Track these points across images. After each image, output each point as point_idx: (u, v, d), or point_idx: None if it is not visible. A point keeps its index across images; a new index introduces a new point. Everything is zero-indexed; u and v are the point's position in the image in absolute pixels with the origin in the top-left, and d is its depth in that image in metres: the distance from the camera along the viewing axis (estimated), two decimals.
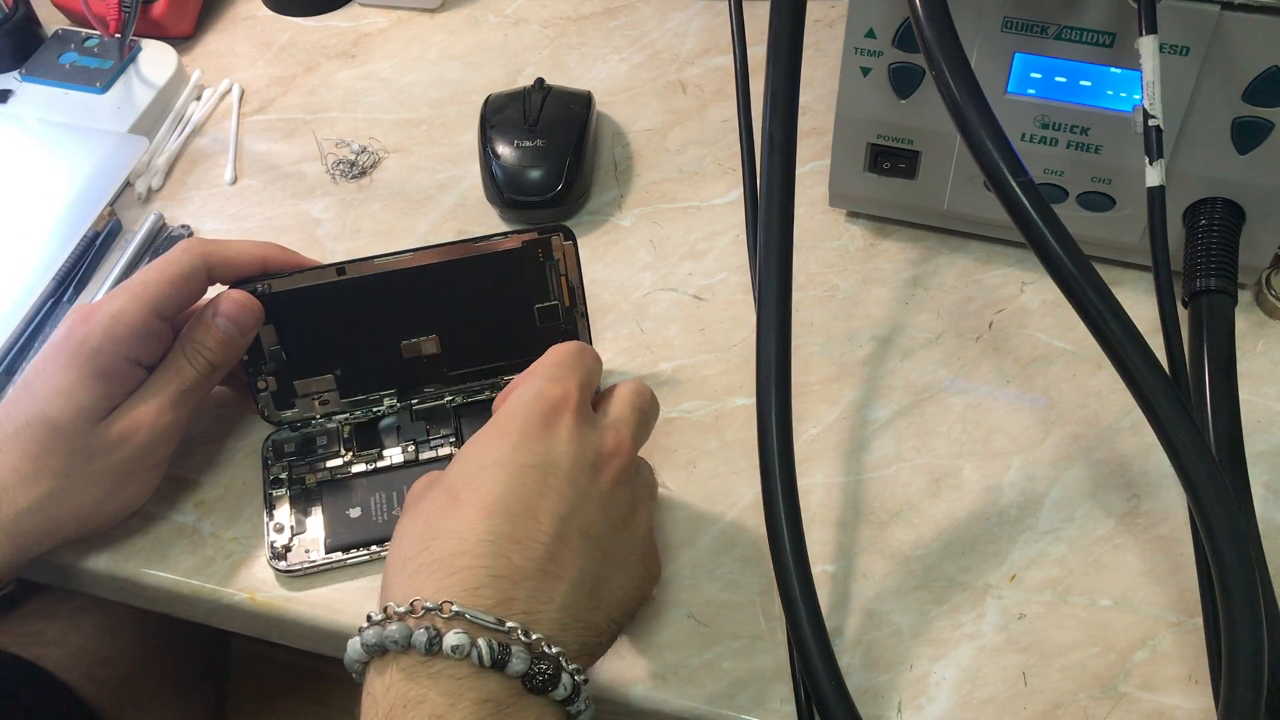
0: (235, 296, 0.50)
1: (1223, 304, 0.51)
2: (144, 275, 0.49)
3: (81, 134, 0.67)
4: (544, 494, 0.40)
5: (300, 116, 0.71)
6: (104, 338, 0.46)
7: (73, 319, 0.48)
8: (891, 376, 0.55)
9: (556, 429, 0.42)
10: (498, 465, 0.40)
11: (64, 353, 0.47)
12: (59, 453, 0.46)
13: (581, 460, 0.41)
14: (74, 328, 0.47)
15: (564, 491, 0.40)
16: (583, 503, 0.41)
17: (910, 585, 0.48)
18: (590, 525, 0.41)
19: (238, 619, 0.50)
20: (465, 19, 0.76)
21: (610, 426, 0.44)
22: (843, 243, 0.61)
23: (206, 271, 0.49)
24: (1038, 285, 0.58)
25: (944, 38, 0.43)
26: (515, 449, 0.41)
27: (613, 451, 0.43)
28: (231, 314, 0.49)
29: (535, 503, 0.40)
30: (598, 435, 0.43)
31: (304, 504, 0.51)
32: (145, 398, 0.48)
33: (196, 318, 0.49)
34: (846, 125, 0.57)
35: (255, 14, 0.78)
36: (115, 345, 0.47)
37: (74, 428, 0.46)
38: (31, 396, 0.47)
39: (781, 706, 0.45)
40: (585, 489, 0.41)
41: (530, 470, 0.40)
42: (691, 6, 0.75)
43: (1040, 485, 0.51)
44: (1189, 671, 0.45)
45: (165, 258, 0.49)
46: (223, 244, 0.50)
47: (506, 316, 0.52)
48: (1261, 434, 0.52)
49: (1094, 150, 0.53)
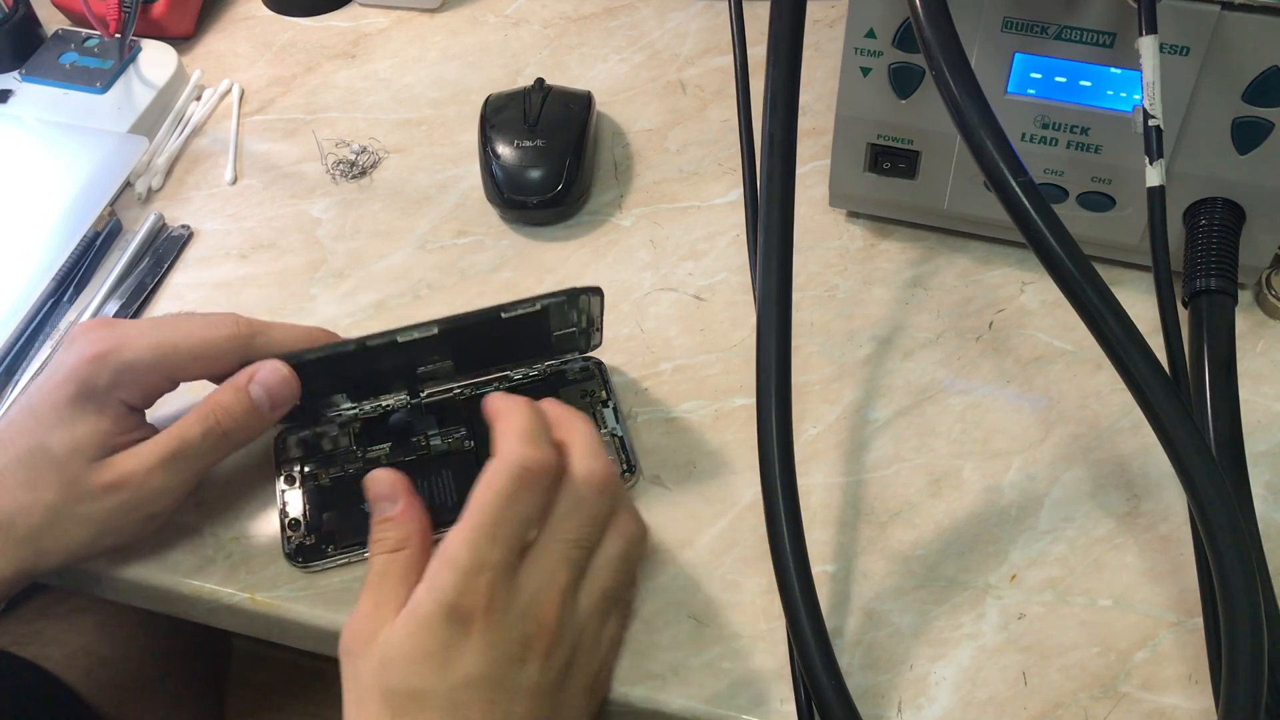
0: (278, 368, 0.47)
1: (1223, 304, 0.51)
2: (176, 332, 0.47)
3: (81, 134, 0.67)
4: (481, 709, 0.39)
5: (300, 116, 0.71)
6: (111, 383, 0.45)
7: (86, 349, 0.46)
8: (891, 376, 0.55)
9: (468, 637, 0.39)
10: (430, 695, 0.39)
11: (71, 385, 0.45)
12: (53, 486, 0.45)
13: (507, 659, 0.40)
14: (84, 363, 0.45)
15: (492, 698, 0.39)
16: (516, 701, 0.40)
17: (910, 585, 0.48)
18: (529, 716, 0.40)
19: (238, 619, 0.50)
20: (465, 19, 0.76)
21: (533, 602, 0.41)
22: (843, 243, 0.61)
23: (243, 356, 0.48)
24: (1038, 285, 0.58)
25: (944, 38, 0.43)
26: (438, 671, 0.39)
27: (534, 633, 0.40)
28: (269, 384, 0.47)
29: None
30: (519, 625, 0.40)
31: (317, 500, 0.51)
32: (141, 453, 0.46)
33: (231, 381, 0.47)
34: (846, 125, 0.57)
35: (255, 14, 0.78)
36: (119, 392, 0.46)
37: (69, 463, 0.45)
38: (35, 423, 0.45)
39: (781, 706, 0.45)
40: (517, 684, 0.40)
41: (461, 691, 0.39)
42: (691, 6, 0.75)
43: (1040, 485, 0.51)
44: (1189, 671, 0.45)
45: (207, 325, 0.47)
46: (269, 341, 0.48)
47: (522, 337, 0.52)
48: (1261, 434, 0.52)
49: (1094, 150, 0.53)
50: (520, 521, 0.41)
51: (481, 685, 0.39)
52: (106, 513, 0.46)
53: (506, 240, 0.63)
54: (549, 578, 0.41)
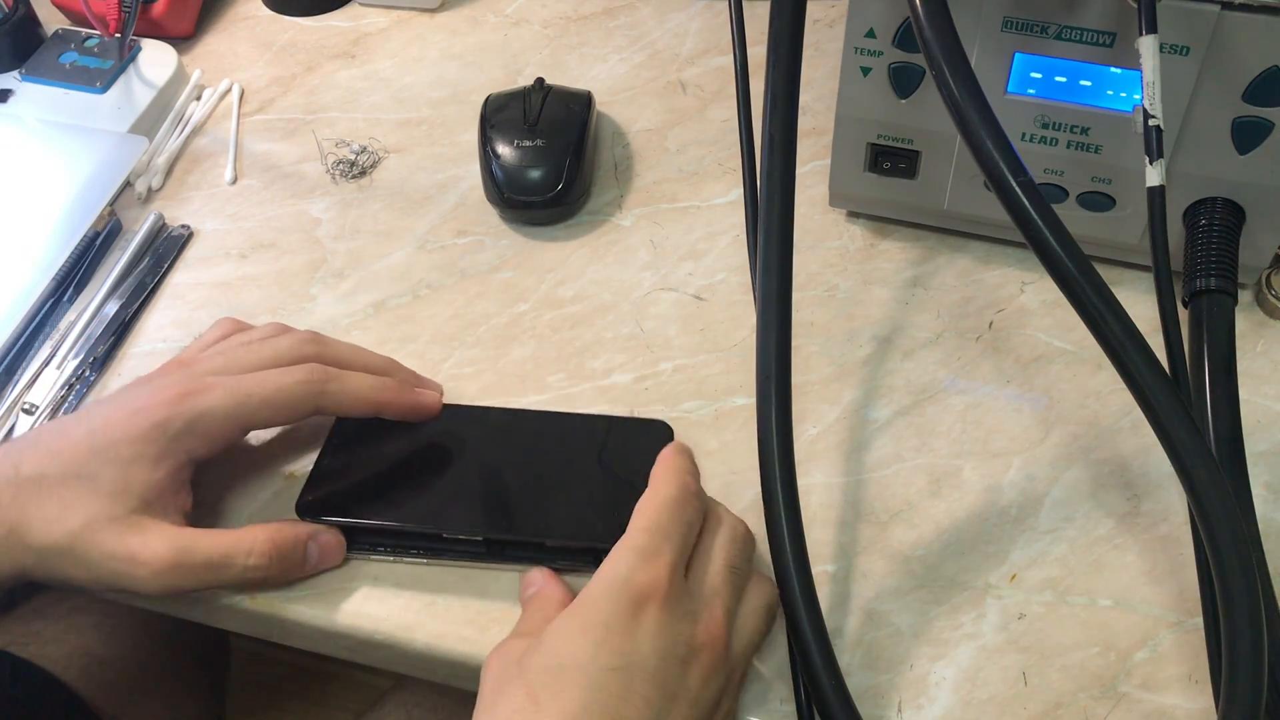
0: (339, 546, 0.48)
1: (1223, 304, 0.51)
2: (255, 383, 0.46)
3: (81, 134, 0.67)
4: (628, 701, 0.37)
5: (300, 116, 0.71)
6: (182, 430, 0.45)
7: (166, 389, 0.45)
8: (891, 376, 0.55)
9: (642, 622, 0.38)
10: (578, 669, 0.37)
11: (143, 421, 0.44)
12: (82, 515, 0.44)
13: (670, 657, 0.38)
14: (161, 404, 0.45)
15: (650, 697, 0.37)
16: (669, 705, 0.38)
17: (910, 585, 0.48)
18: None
19: (238, 619, 0.50)
20: (465, 19, 0.76)
21: (704, 609, 0.40)
22: (843, 243, 0.61)
23: (315, 405, 0.47)
24: (1038, 285, 0.58)
25: (944, 38, 0.43)
26: (597, 648, 0.37)
27: (704, 643, 0.39)
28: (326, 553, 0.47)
29: (619, 711, 0.36)
30: (689, 624, 0.39)
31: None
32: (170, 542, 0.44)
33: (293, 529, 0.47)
34: (846, 125, 0.57)
35: (255, 14, 0.78)
36: (187, 441, 0.45)
37: (108, 504, 0.44)
38: (92, 446, 0.44)
39: (781, 706, 0.45)
40: (673, 690, 0.38)
41: (613, 675, 0.37)
42: (691, 6, 0.75)
43: (1040, 485, 0.51)
44: (1189, 671, 0.45)
45: (285, 375, 0.47)
46: (341, 388, 0.48)
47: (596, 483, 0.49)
48: (1261, 434, 0.52)
49: (1094, 150, 0.53)
50: (688, 526, 0.42)
51: (639, 674, 0.37)
52: (112, 573, 0.44)
53: (506, 240, 0.63)
54: (713, 591, 0.41)
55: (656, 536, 0.40)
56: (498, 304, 0.60)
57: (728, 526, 0.44)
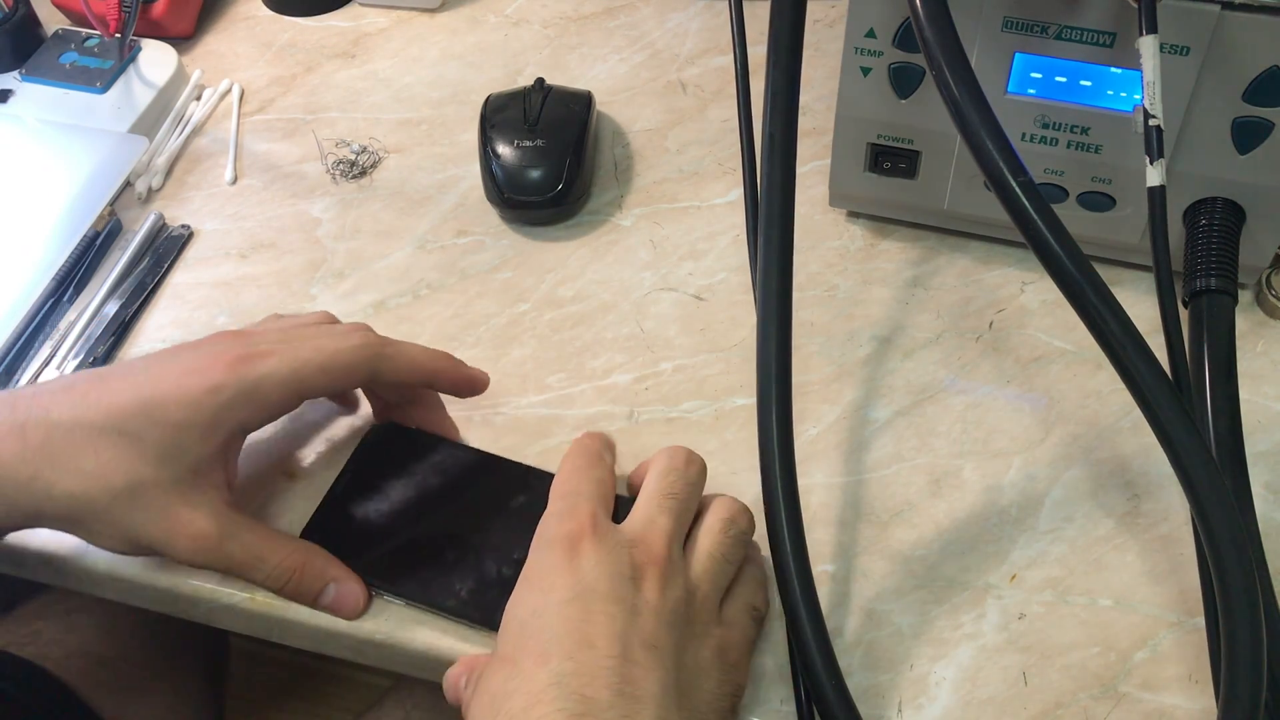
0: (356, 597, 0.47)
1: (1223, 304, 0.51)
2: (310, 350, 0.45)
3: (81, 134, 0.67)
4: (591, 620, 0.38)
5: (300, 116, 0.71)
6: (236, 398, 0.43)
7: (224, 351, 0.44)
8: (892, 376, 0.55)
9: (580, 557, 0.40)
10: (536, 614, 0.39)
11: (195, 384, 0.43)
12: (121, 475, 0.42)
13: (617, 576, 0.40)
14: (220, 366, 0.43)
15: (611, 611, 0.39)
16: (634, 618, 0.39)
17: (910, 585, 0.48)
18: (651, 637, 0.39)
19: (238, 619, 0.50)
20: (465, 19, 0.76)
21: (637, 535, 0.42)
22: (843, 243, 0.61)
23: (370, 371, 0.46)
24: (1038, 285, 0.58)
25: (944, 38, 0.43)
26: (547, 591, 0.40)
27: (646, 560, 0.41)
28: (341, 600, 0.47)
29: (586, 631, 0.38)
30: (626, 549, 0.41)
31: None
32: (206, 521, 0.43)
33: (325, 564, 0.46)
34: (847, 125, 0.57)
35: (255, 14, 0.78)
36: (241, 412, 0.44)
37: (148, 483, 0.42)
38: (137, 402, 0.42)
39: (781, 706, 0.45)
40: (632, 603, 0.39)
41: (569, 604, 0.39)
42: (691, 6, 0.75)
43: (1040, 485, 0.51)
44: (1189, 671, 0.45)
45: (340, 340, 0.46)
46: (398, 352, 0.47)
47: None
48: (1262, 434, 0.52)
49: (1094, 150, 0.53)
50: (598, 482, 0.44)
51: (592, 597, 0.39)
52: (147, 539, 0.43)
53: (506, 240, 0.63)
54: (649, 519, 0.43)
55: (568, 497, 0.43)
56: (498, 304, 0.60)
57: (665, 457, 0.46)
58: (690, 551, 0.43)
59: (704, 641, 0.41)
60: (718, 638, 0.42)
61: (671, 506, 0.43)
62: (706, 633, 0.42)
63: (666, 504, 0.43)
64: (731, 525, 0.44)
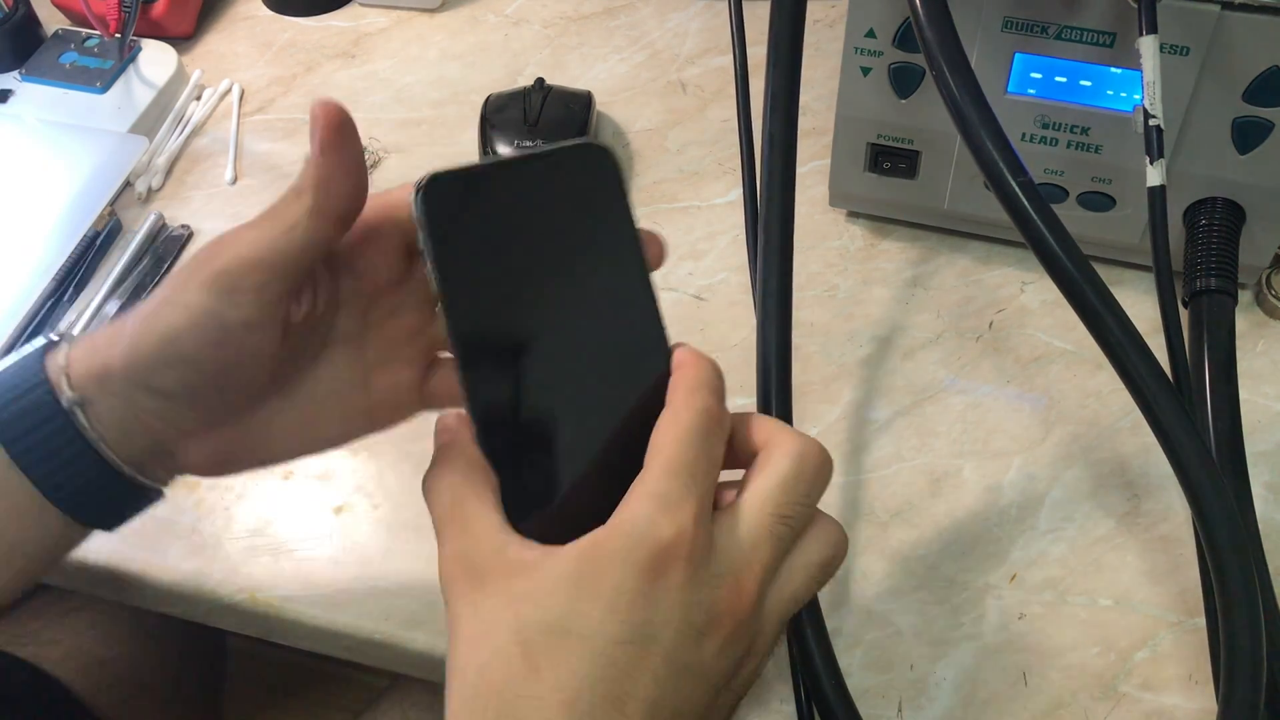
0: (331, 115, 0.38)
1: (1223, 304, 0.51)
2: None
3: (81, 134, 0.67)
4: (634, 678, 0.32)
5: (300, 116, 0.70)
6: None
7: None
8: (891, 376, 0.55)
9: (661, 587, 0.32)
10: (583, 638, 0.32)
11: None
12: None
13: (687, 628, 0.33)
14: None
15: (659, 673, 0.32)
16: (680, 681, 0.33)
17: (910, 585, 0.48)
18: (686, 703, 0.33)
19: (237, 619, 0.50)
20: (465, 19, 0.76)
21: (734, 570, 0.33)
22: (843, 243, 0.61)
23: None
24: (1038, 285, 0.58)
25: (944, 38, 0.43)
26: (606, 616, 0.32)
27: (727, 610, 0.33)
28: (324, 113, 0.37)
29: (624, 689, 0.32)
30: (712, 589, 0.33)
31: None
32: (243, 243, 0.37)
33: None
34: (847, 125, 0.57)
35: (255, 14, 0.78)
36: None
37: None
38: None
39: (781, 706, 0.45)
40: (686, 663, 0.33)
41: (622, 648, 0.32)
42: (691, 6, 0.75)
43: (1040, 485, 0.51)
44: (1189, 671, 0.45)
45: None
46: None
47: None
48: (1261, 434, 0.52)
49: (1094, 150, 0.53)
50: (713, 461, 0.34)
51: (651, 648, 0.32)
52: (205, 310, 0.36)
53: None
54: (751, 548, 0.34)
55: (680, 478, 0.33)
56: None
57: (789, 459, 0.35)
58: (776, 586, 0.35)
59: (730, 703, 0.36)
60: (743, 688, 0.36)
61: (783, 535, 0.34)
62: (742, 685, 0.36)
63: (779, 530, 0.34)
64: (831, 568, 0.36)
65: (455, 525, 0.35)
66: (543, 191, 0.36)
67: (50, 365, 0.37)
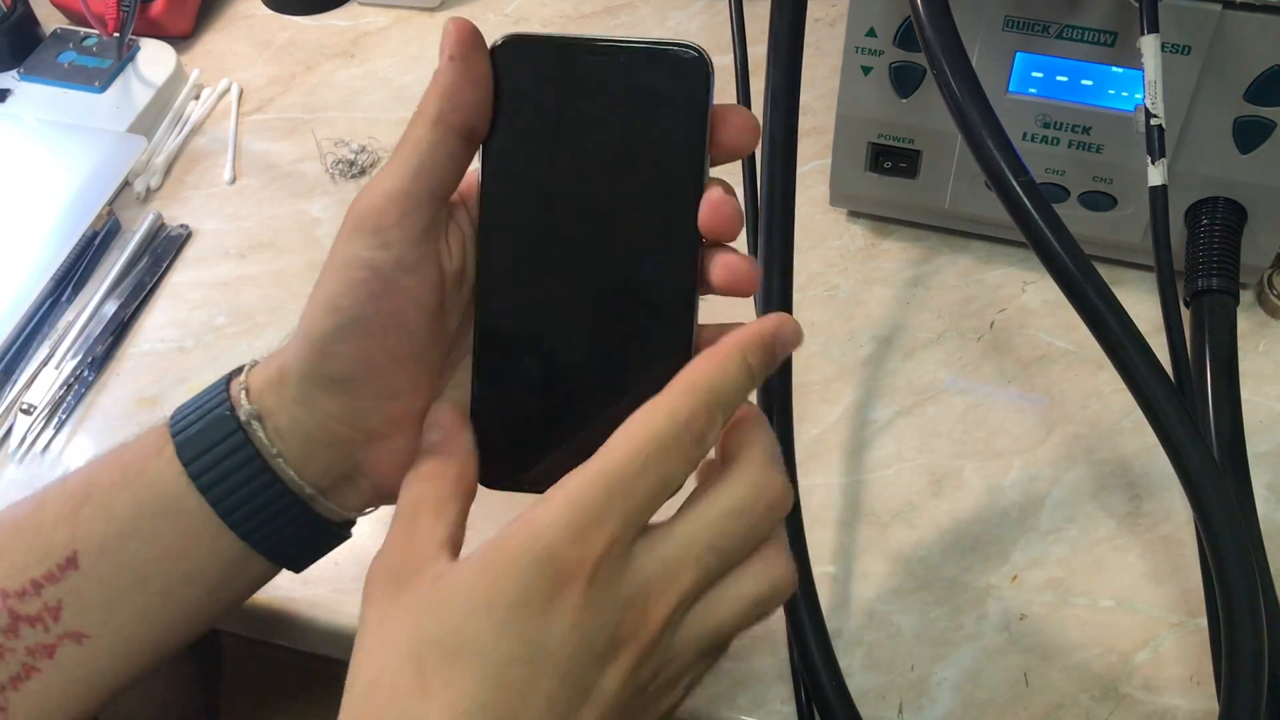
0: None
1: (1224, 304, 0.51)
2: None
3: (80, 133, 0.67)
4: (528, 700, 0.30)
5: (299, 116, 0.70)
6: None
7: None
8: (892, 376, 0.55)
9: (559, 606, 0.30)
10: (478, 655, 0.30)
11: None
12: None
13: (585, 651, 0.31)
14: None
15: (554, 695, 0.31)
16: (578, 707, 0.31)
17: (911, 586, 0.48)
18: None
19: (236, 618, 0.50)
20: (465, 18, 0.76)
21: (642, 594, 0.31)
22: (843, 242, 0.61)
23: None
24: (1039, 285, 0.58)
25: (945, 37, 0.42)
26: (501, 632, 0.30)
27: (629, 635, 0.31)
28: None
29: (516, 713, 0.30)
30: (614, 611, 0.31)
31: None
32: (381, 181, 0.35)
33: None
34: (847, 124, 0.56)
35: (254, 13, 0.78)
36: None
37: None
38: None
39: (781, 707, 0.45)
40: (584, 688, 0.31)
41: (516, 667, 0.30)
42: (691, 6, 0.75)
43: (1042, 485, 0.51)
44: (1190, 672, 0.45)
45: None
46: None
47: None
48: (1263, 434, 0.52)
49: (1095, 150, 0.53)
50: (659, 483, 0.32)
51: (546, 668, 0.31)
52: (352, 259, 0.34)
53: None
54: (669, 574, 0.32)
55: (607, 498, 0.31)
56: None
57: (746, 488, 0.33)
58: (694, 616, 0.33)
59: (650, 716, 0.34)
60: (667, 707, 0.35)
61: (710, 565, 0.32)
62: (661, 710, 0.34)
63: (706, 559, 0.32)
64: (767, 605, 0.34)
65: (401, 529, 0.34)
66: (620, 86, 0.33)
67: (233, 384, 0.37)
